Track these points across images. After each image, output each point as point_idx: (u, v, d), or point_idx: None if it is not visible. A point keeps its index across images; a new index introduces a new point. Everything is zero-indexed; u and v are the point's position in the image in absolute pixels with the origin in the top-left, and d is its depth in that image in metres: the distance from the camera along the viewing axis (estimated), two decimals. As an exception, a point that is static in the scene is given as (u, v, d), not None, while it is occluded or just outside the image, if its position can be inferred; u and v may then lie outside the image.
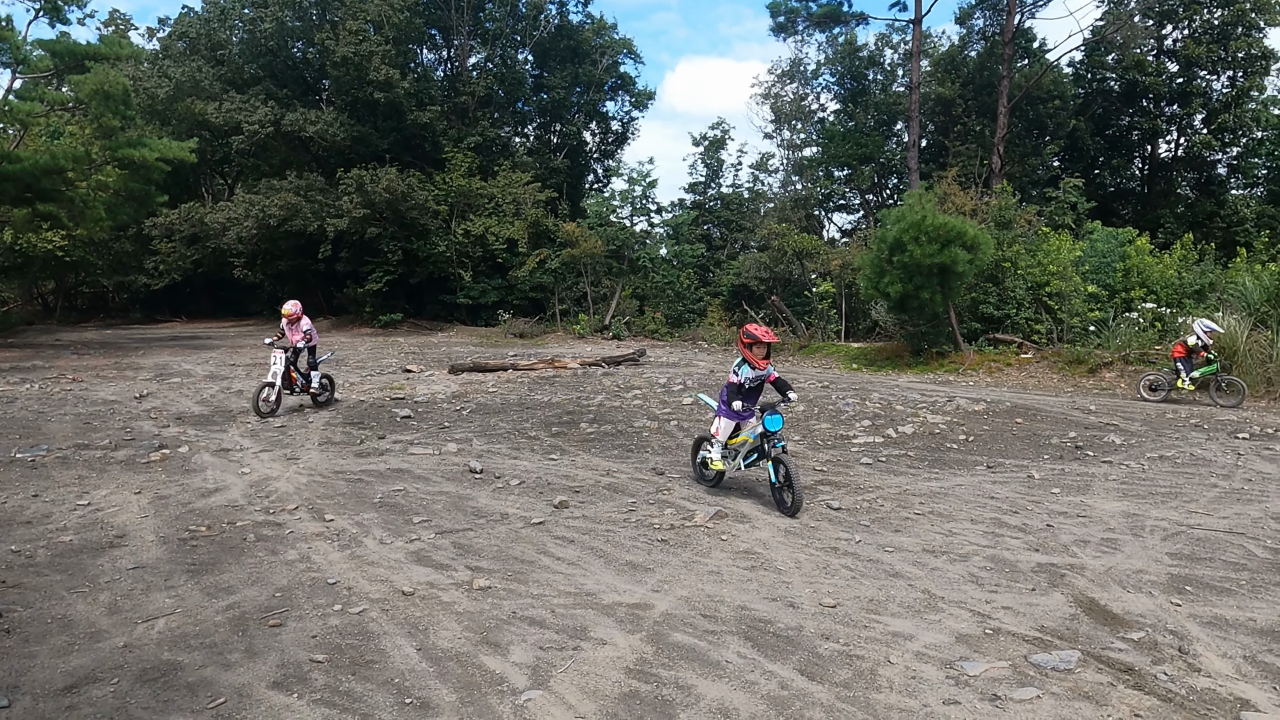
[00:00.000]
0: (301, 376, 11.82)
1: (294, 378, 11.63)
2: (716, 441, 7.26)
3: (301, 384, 11.79)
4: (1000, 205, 20.48)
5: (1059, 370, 16.30)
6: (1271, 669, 4.04)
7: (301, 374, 11.84)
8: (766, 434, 6.91)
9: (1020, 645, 4.30)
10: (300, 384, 11.76)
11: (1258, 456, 8.98)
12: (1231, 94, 30.26)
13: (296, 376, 11.68)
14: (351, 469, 8.27)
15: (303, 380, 11.81)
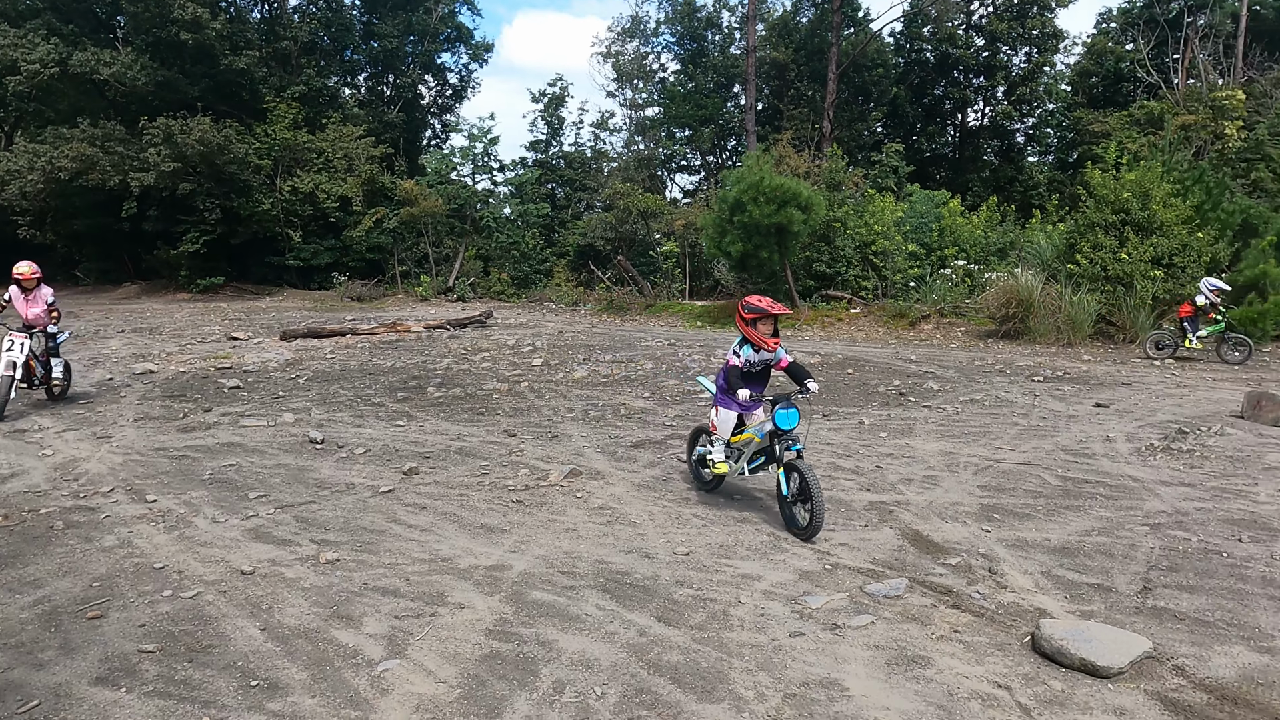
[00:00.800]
0: (40, 365, 9.09)
1: (32, 366, 8.94)
2: (717, 438, 5.86)
3: (41, 374, 9.09)
4: (831, 168, 21.54)
5: (884, 324, 17.51)
6: (1063, 581, 4.59)
7: (41, 361, 9.11)
8: (777, 432, 5.41)
9: (856, 577, 4.65)
10: (40, 375, 9.07)
11: (1050, 397, 10.07)
12: (1028, 69, 33.15)
13: (35, 365, 9.00)
14: (175, 445, 7.64)
15: (42, 369, 9.10)
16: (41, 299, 9.17)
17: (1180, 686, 3.47)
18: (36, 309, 9.13)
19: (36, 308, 9.12)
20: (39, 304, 9.13)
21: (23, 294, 9.08)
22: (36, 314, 9.13)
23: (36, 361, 9.05)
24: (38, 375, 9.08)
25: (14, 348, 8.63)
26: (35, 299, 9.12)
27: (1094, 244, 14.90)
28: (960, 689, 3.45)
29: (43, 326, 9.17)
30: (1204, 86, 26.74)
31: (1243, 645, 3.81)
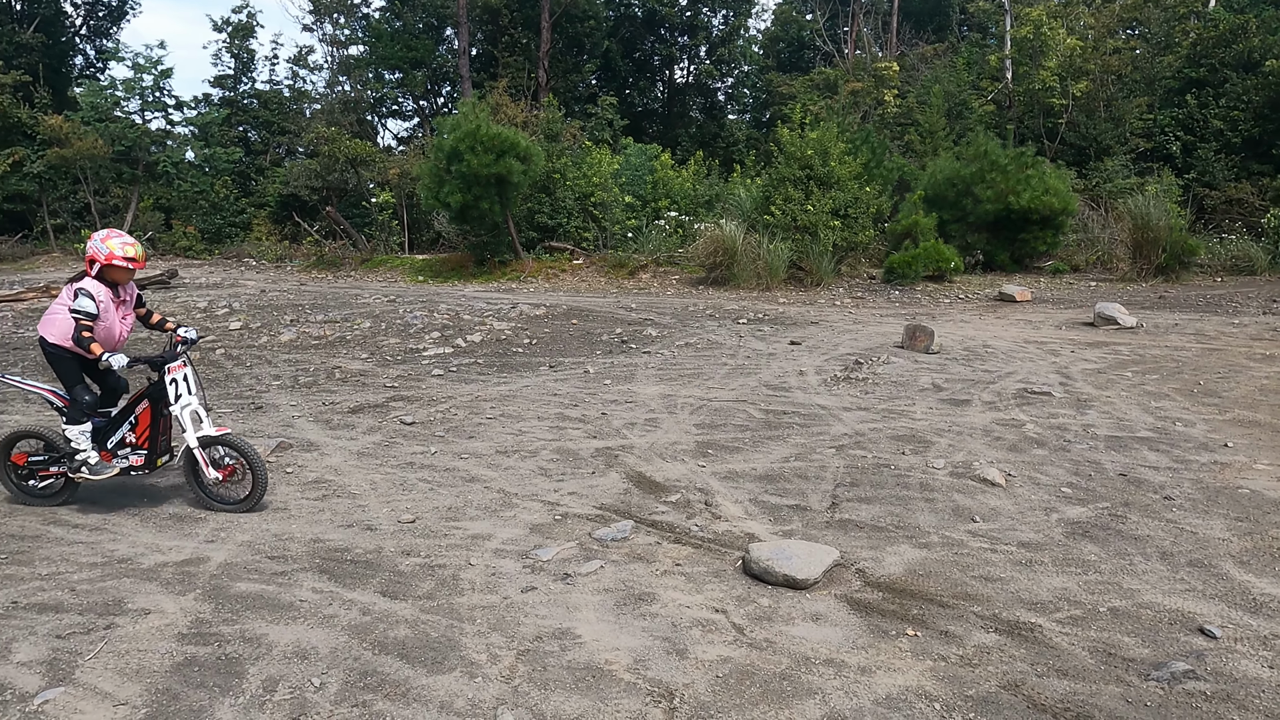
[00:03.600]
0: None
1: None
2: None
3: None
4: (548, 118, 21.51)
5: (605, 274, 18.03)
6: (768, 505, 5.04)
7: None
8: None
9: (585, 525, 4.73)
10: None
11: (753, 338, 11.01)
12: (726, 31, 35.42)
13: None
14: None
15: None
16: (132, 295, 5.11)
17: (862, 587, 3.96)
18: (130, 318, 5.11)
19: (130, 315, 5.10)
20: (130, 307, 5.09)
21: (115, 296, 4.92)
22: (129, 326, 5.11)
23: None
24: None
25: (186, 389, 4.86)
26: (128, 298, 5.06)
27: (785, 197, 16.42)
28: (683, 619, 3.65)
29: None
30: (868, 57, 30.38)
31: (908, 544, 4.44)
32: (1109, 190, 20.62)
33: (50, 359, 4.86)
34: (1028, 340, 10.68)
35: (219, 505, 4.91)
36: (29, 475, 5.02)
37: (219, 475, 4.84)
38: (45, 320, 4.89)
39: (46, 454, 5.02)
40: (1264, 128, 21.76)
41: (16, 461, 5.04)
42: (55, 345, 4.79)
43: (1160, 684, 3.12)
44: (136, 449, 4.95)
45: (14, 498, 5.09)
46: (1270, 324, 11.69)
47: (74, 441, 4.81)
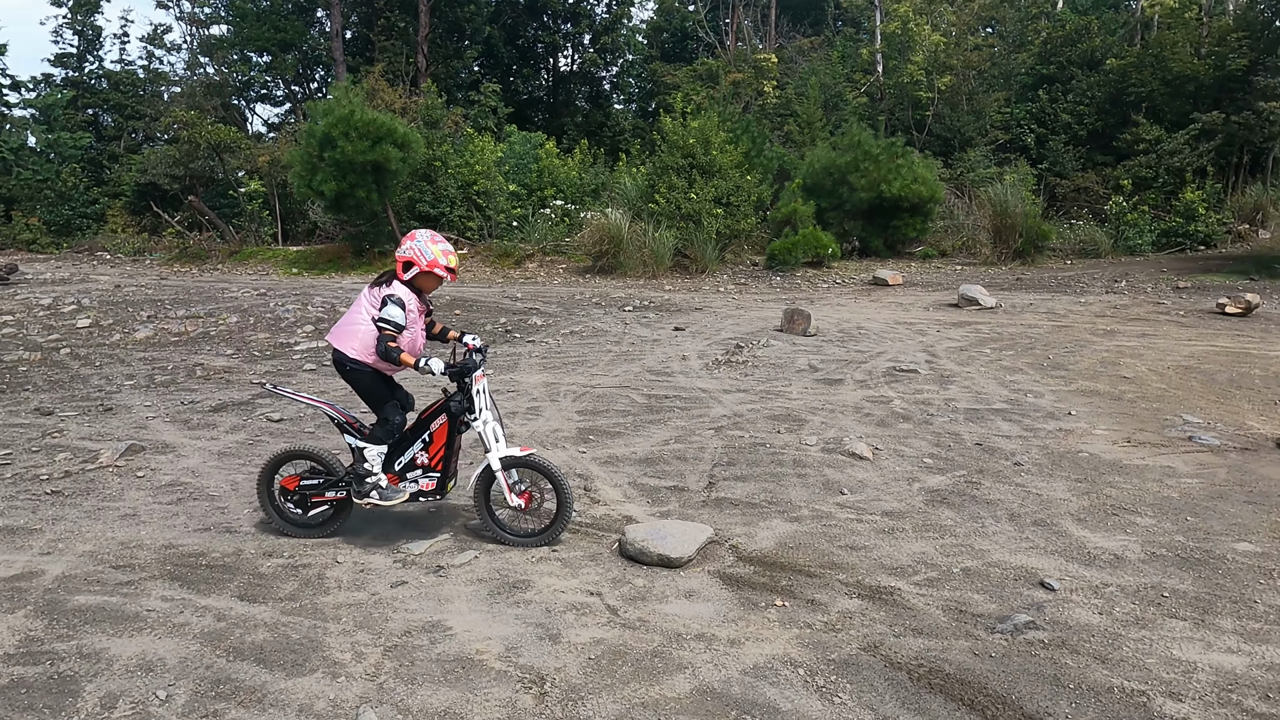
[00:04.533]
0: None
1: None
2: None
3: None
4: (428, 105, 20.92)
5: (491, 263, 17.73)
6: (646, 487, 5.07)
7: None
8: None
9: (461, 516, 4.63)
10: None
11: (638, 324, 11.07)
12: (609, 19, 35.36)
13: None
14: None
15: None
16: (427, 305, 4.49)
17: (734, 562, 4.04)
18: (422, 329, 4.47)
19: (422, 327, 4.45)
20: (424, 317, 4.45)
21: (421, 305, 4.35)
22: (424, 339, 4.49)
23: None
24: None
25: (486, 402, 4.37)
26: (429, 307, 4.53)
27: (669, 185, 16.57)
28: (558, 603, 3.62)
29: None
30: (748, 49, 31.00)
31: (779, 518, 4.57)
32: (972, 179, 21.83)
33: (349, 375, 4.21)
34: (898, 321, 11.18)
35: (510, 537, 4.24)
36: (300, 501, 4.37)
37: (521, 503, 4.20)
38: (342, 331, 4.19)
39: (322, 477, 4.36)
40: (1106, 121, 23.53)
41: (287, 486, 4.36)
42: (357, 361, 4.13)
43: (1004, 635, 3.32)
44: (428, 471, 4.29)
45: (275, 525, 4.41)
46: (1112, 302, 12.67)
47: (370, 463, 4.19)
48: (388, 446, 4.23)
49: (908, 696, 2.94)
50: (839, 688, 2.99)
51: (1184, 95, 22.02)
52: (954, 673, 3.07)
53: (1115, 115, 23.28)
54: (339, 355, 4.19)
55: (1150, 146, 21.26)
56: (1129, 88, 23.01)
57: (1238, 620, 3.44)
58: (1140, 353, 8.91)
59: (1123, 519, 4.51)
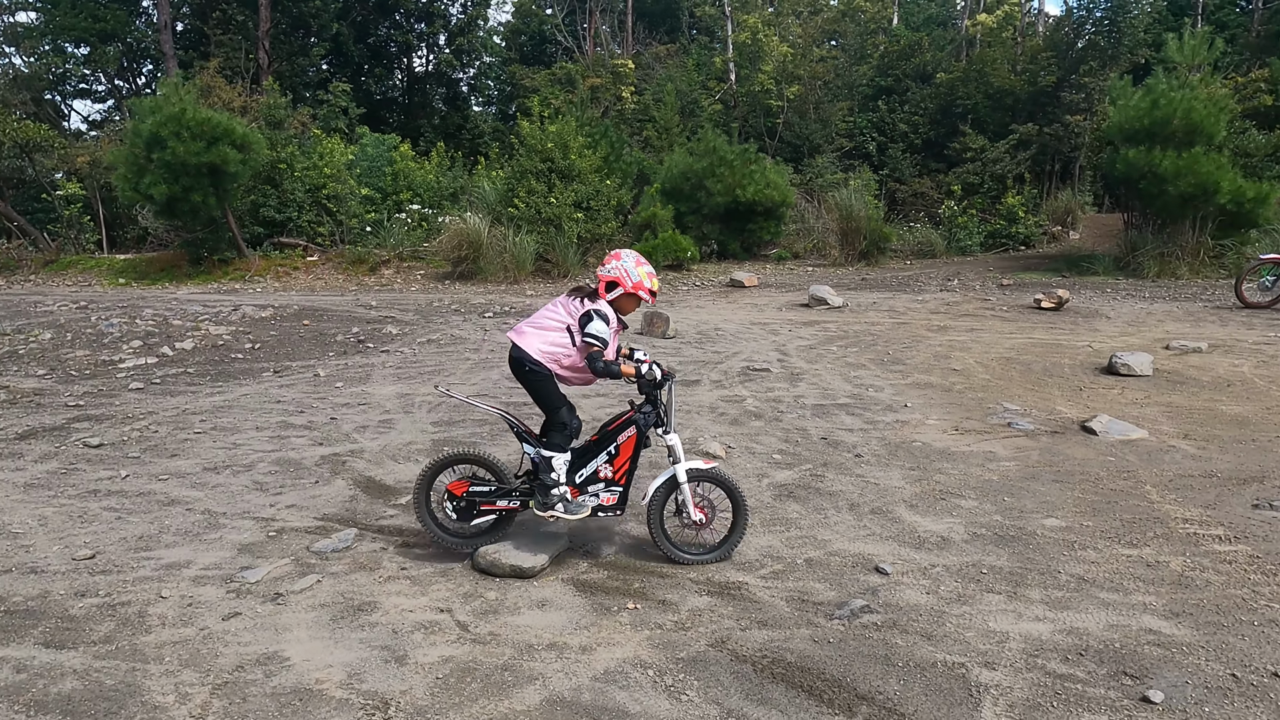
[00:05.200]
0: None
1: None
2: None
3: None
4: (271, 104, 19.83)
5: (344, 271, 17.01)
6: (502, 498, 5.00)
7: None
8: None
9: (303, 539, 4.41)
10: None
11: (498, 330, 10.92)
12: (465, 20, 34.75)
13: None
14: None
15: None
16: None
17: (589, 568, 4.05)
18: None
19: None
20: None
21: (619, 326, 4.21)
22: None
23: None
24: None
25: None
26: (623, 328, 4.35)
27: (529, 189, 16.45)
28: (405, 624, 3.51)
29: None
30: (606, 54, 31.26)
31: (635, 522, 4.60)
32: (820, 184, 22.92)
33: (526, 375, 4.04)
34: (753, 322, 11.58)
35: (684, 555, 4.08)
36: (464, 509, 4.08)
37: (702, 517, 4.10)
38: (527, 331, 4.04)
39: (493, 484, 4.11)
40: (938, 131, 25.30)
41: (454, 491, 4.07)
42: (537, 363, 3.98)
43: (842, 621, 3.50)
44: (611, 485, 4.12)
45: (431, 536, 4.11)
46: (945, 299, 13.62)
47: (556, 473, 3.99)
48: (571, 456, 4.08)
49: (752, 688, 3.03)
50: (687, 685, 3.05)
51: (1004, 108, 24.00)
52: (795, 661, 3.20)
53: (946, 125, 25.06)
54: (519, 354, 4.04)
55: (976, 155, 23.02)
56: (957, 100, 24.84)
57: (1044, 590, 3.76)
58: (969, 346, 9.62)
59: (950, 503, 4.84)
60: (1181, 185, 14.34)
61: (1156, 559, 4.07)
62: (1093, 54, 22.17)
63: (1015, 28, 27.23)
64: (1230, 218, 14.80)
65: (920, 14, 33.24)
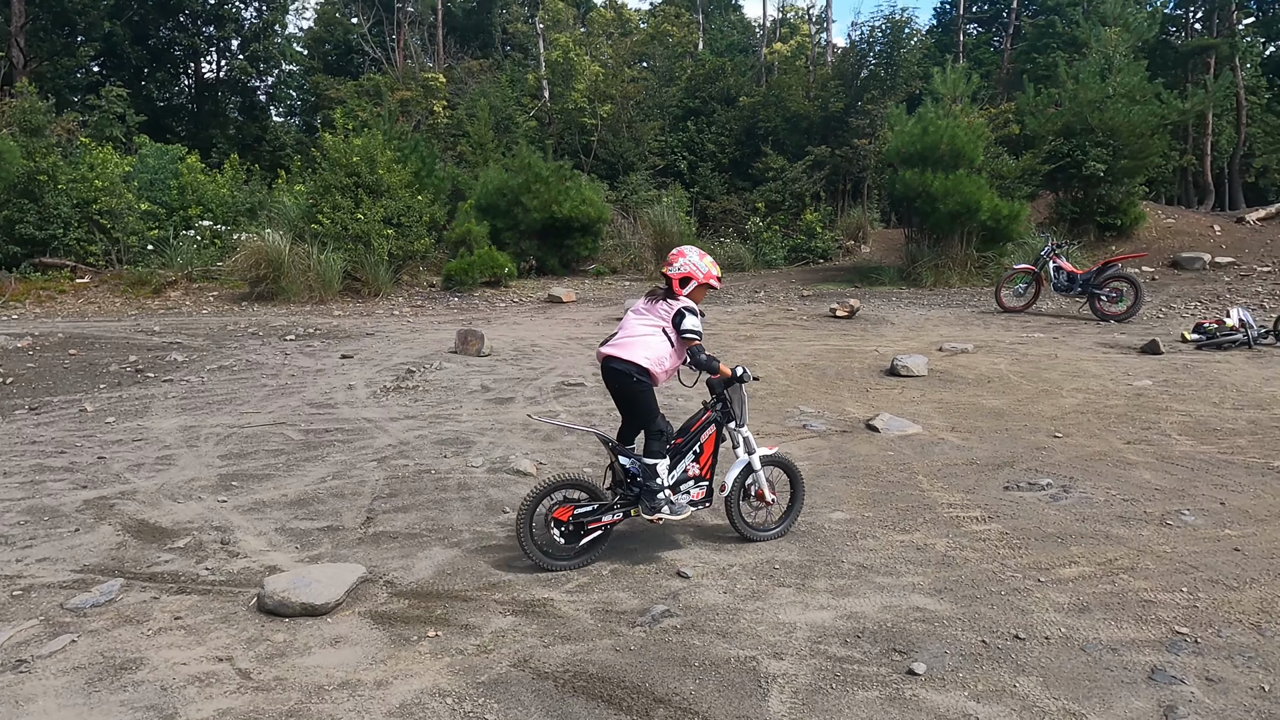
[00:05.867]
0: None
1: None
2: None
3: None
4: (27, 108, 17.68)
5: (122, 293, 15.44)
6: (295, 532, 4.70)
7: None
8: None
9: (57, 595, 3.92)
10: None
11: (300, 354, 10.30)
12: (260, 25, 32.73)
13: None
14: None
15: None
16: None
17: (388, 599, 3.89)
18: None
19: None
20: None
21: None
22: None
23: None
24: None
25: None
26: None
27: (333, 205, 15.69)
28: (177, 679, 3.21)
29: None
30: (416, 67, 30.51)
31: (440, 545, 4.49)
32: (635, 201, 23.51)
33: (634, 387, 4.17)
34: (570, 337, 11.65)
35: (759, 535, 4.49)
36: (572, 532, 4.14)
37: (773, 498, 4.50)
38: (626, 344, 4.18)
39: (595, 503, 4.20)
40: (743, 151, 26.72)
41: (559, 517, 4.10)
42: (646, 371, 4.13)
43: (643, 628, 3.57)
44: (699, 481, 4.42)
45: (535, 562, 4.11)
46: (752, 310, 14.37)
47: (661, 478, 4.20)
48: (668, 460, 4.26)
49: (553, 704, 3.03)
50: (486, 710, 2.99)
51: (800, 131, 25.73)
52: (597, 672, 3.22)
53: (750, 146, 26.52)
54: (627, 367, 4.14)
55: (777, 174, 24.50)
56: (759, 123, 26.37)
57: (829, 580, 4.04)
58: (772, 354, 10.19)
59: (748, 504, 5.09)
60: (950, 203, 16.00)
61: (925, 542, 4.49)
62: (874, 84, 24.28)
63: (807, 57, 29.33)
64: (990, 232, 16.67)
65: (723, 40, 35.05)
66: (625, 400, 4.33)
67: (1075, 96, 19.00)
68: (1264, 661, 3.29)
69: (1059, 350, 10.32)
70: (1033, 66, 27.28)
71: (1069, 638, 3.46)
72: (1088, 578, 4.05)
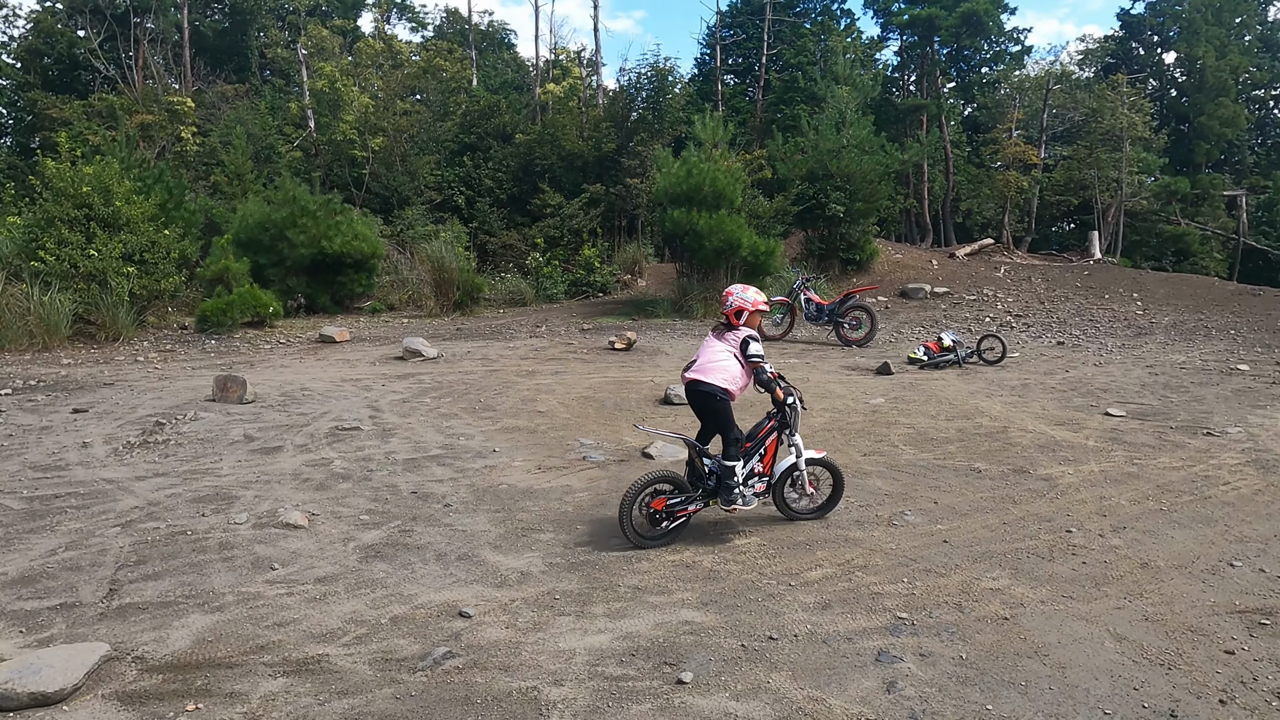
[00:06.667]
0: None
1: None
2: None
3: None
4: None
5: None
6: (20, 614, 4.17)
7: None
8: None
9: None
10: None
11: (20, 410, 9.05)
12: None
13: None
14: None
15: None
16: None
17: (138, 676, 3.57)
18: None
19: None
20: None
21: None
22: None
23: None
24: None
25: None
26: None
27: (59, 239, 13.94)
28: None
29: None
30: (159, 88, 27.92)
31: (199, 612, 4.18)
32: (412, 236, 23.01)
33: (717, 405, 5.07)
34: (344, 379, 11.18)
35: (800, 516, 5.52)
36: (665, 518, 5.08)
37: (813, 490, 5.48)
38: (710, 370, 5.08)
39: (682, 495, 5.10)
40: (521, 187, 27.03)
41: (655, 507, 5.06)
42: (726, 392, 5.06)
43: (424, 671, 3.57)
44: (762, 477, 5.31)
45: (633, 543, 5.01)
46: (534, 345, 14.56)
47: (738, 476, 5.09)
48: (741, 461, 5.14)
49: (329, 763, 2.95)
50: (255, 779, 2.86)
51: (576, 169, 26.51)
52: (376, 723, 3.19)
53: (528, 182, 26.89)
54: (712, 389, 5.06)
55: (555, 210, 25.04)
56: (535, 160, 26.84)
57: (606, 604, 4.25)
58: (553, 389, 10.41)
59: (530, 538, 5.21)
60: (714, 240, 17.24)
61: (694, 560, 4.84)
62: (643, 127, 25.61)
63: (579, 98, 30.36)
64: (751, 267, 18.13)
65: (498, 78, 35.35)
66: (709, 414, 5.21)
67: (817, 146, 21.28)
68: (963, 634, 3.91)
69: (811, 374, 11.46)
70: (781, 116, 30.14)
71: (814, 633, 3.92)
72: (830, 578, 4.58)
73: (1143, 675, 3.58)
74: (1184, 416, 8.78)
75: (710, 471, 5.16)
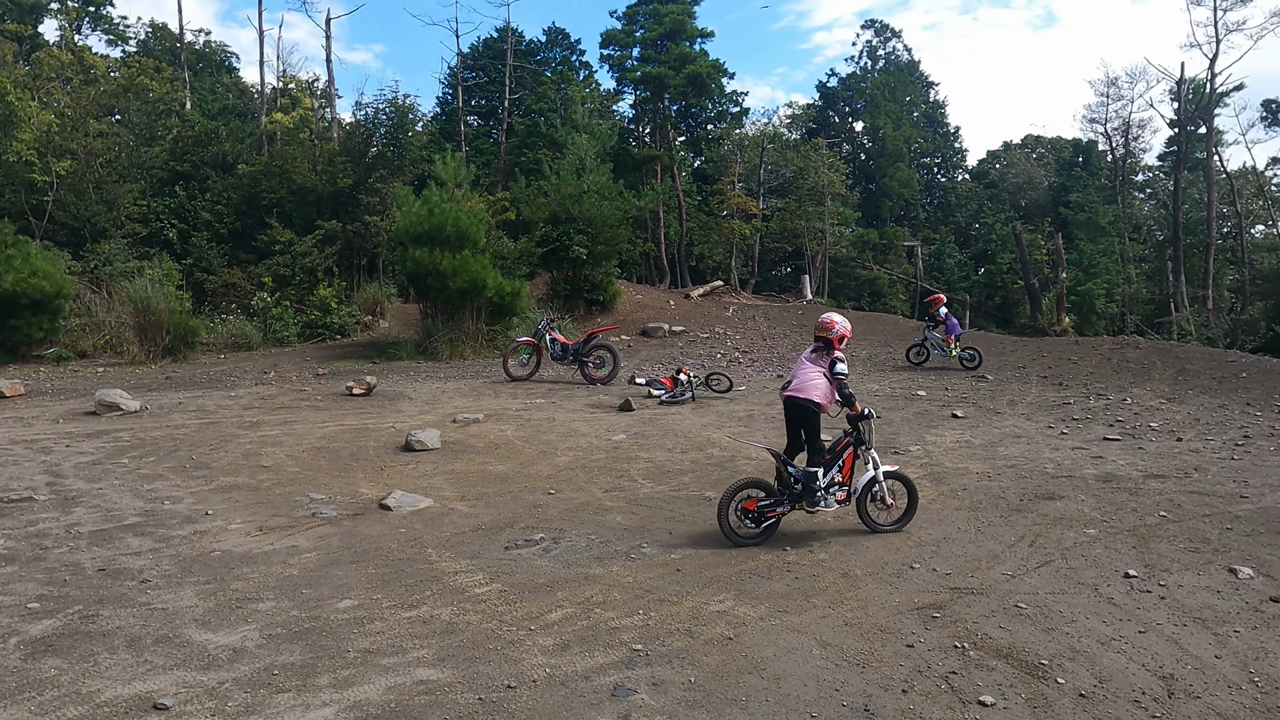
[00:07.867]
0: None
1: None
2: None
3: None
4: None
5: None
6: None
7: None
8: None
9: None
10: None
11: None
12: None
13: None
14: None
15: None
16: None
17: None
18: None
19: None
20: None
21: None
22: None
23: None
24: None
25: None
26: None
27: None
28: None
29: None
30: None
31: None
32: (110, 273, 20.26)
33: (810, 417, 6.02)
34: (15, 440, 9.49)
35: (881, 528, 6.15)
36: (757, 518, 5.88)
37: (891, 501, 6.16)
38: (807, 385, 6.07)
39: (773, 498, 5.91)
40: (245, 222, 24.89)
41: (748, 507, 5.87)
42: (820, 406, 6.03)
43: (105, 783, 3.07)
44: (842, 486, 6.13)
45: (730, 540, 5.82)
46: (260, 393, 13.35)
47: (822, 481, 5.96)
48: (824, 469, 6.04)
49: None
50: None
51: (309, 204, 24.95)
52: None
53: (253, 217, 24.83)
54: (809, 403, 6.04)
55: (285, 247, 23.33)
56: (261, 193, 24.89)
57: (333, 673, 3.95)
58: (281, 440, 9.60)
59: (246, 609, 4.72)
60: (458, 281, 17.02)
61: (431, 614, 4.66)
62: (382, 163, 24.78)
63: (312, 130, 28.75)
64: (497, 308, 18.12)
65: (217, 102, 32.50)
66: (802, 424, 6.06)
67: (559, 190, 21.88)
68: (692, 658, 4.12)
69: (556, 414, 11.62)
70: (525, 160, 30.64)
71: (552, 676, 3.92)
72: (570, 618, 4.62)
73: (842, 676, 3.99)
74: (877, 438, 10.03)
75: (795, 479, 5.98)
